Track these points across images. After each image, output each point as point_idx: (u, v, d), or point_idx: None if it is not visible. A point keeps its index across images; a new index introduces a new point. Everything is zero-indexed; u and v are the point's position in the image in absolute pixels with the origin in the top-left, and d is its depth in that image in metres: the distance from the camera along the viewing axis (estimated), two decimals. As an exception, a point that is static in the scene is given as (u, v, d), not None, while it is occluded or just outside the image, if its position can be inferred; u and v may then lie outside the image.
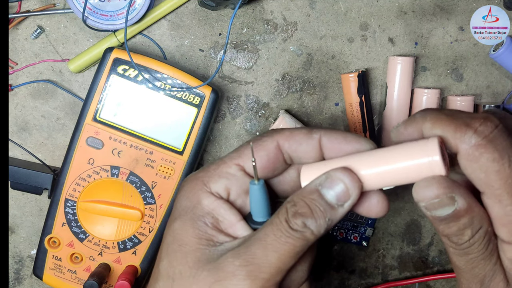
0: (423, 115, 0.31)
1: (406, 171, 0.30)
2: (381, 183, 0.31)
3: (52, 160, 0.49)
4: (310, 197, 0.31)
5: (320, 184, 0.31)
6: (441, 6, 0.49)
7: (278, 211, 0.31)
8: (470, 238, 0.30)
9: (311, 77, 0.49)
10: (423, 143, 0.30)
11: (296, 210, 0.30)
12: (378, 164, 0.31)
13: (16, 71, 0.48)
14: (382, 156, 0.31)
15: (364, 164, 0.31)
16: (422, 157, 0.29)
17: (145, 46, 0.48)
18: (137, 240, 0.47)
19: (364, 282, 0.54)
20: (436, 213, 0.30)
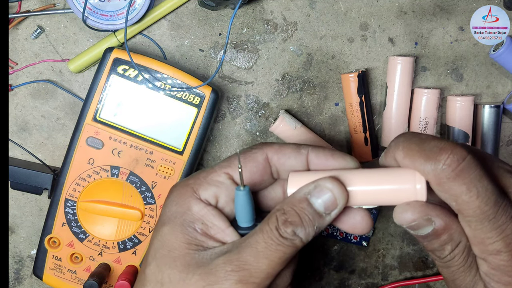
0: (395, 144, 0.32)
1: (391, 194, 0.32)
2: (365, 201, 0.33)
3: (52, 160, 0.49)
4: (299, 205, 0.32)
5: (309, 193, 0.32)
6: (441, 6, 0.49)
7: (268, 218, 0.32)
8: (450, 252, 0.32)
9: (311, 77, 0.49)
10: (411, 172, 0.31)
11: (286, 219, 0.31)
12: (365, 183, 0.32)
13: (16, 71, 0.48)
14: (370, 176, 0.33)
15: (352, 180, 0.33)
16: (407, 184, 0.31)
17: (145, 46, 0.48)
18: (137, 240, 0.47)
19: (364, 282, 0.54)
20: (418, 232, 0.32)
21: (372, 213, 0.51)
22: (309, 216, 0.32)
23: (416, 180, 0.31)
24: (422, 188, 0.31)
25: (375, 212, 0.51)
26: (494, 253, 0.30)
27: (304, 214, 0.32)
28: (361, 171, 0.33)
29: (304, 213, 0.32)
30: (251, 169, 0.35)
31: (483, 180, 0.29)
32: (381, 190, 0.32)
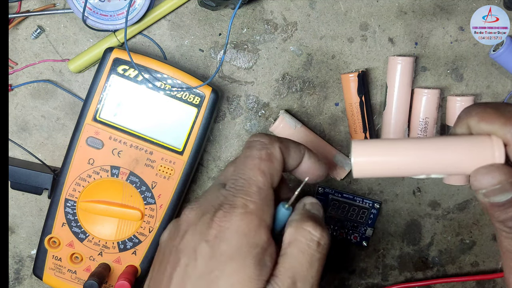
0: (467, 112, 0.32)
1: (467, 161, 0.31)
2: (439, 170, 0.32)
3: (52, 160, 0.49)
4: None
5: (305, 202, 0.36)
6: (441, 6, 0.49)
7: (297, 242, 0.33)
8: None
9: (311, 77, 0.49)
10: (487, 137, 0.30)
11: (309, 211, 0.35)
12: (438, 150, 0.31)
13: (16, 71, 0.48)
14: (443, 143, 0.31)
15: (426, 149, 0.31)
16: (485, 149, 0.30)
17: (145, 46, 0.48)
18: (137, 240, 0.47)
19: (364, 282, 0.54)
20: (495, 199, 0.30)
21: (372, 213, 0.51)
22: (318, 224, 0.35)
23: (494, 145, 0.30)
24: (501, 154, 0.30)
25: (375, 212, 0.51)
26: None
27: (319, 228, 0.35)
28: (431, 139, 0.32)
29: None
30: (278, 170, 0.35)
31: None
32: (455, 158, 0.31)
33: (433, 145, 0.31)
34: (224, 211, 0.33)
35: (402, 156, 0.32)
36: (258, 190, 0.33)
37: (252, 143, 0.35)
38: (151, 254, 0.47)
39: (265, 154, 0.34)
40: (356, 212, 0.51)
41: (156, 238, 0.47)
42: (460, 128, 0.33)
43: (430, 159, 0.31)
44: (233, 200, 0.33)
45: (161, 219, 0.47)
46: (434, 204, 0.53)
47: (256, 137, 0.35)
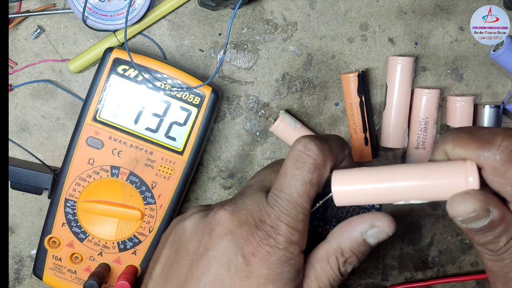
0: (443, 137, 0.32)
1: (441, 188, 0.31)
2: (413, 197, 0.32)
3: (52, 160, 0.49)
4: (358, 248, 0.34)
5: (365, 232, 0.34)
6: (441, 6, 0.49)
7: (327, 258, 0.34)
8: (505, 243, 0.31)
9: (311, 77, 0.49)
10: (458, 164, 0.31)
11: (346, 260, 0.34)
12: (414, 178, 0.32)
13: (16, 71, 0.48)
14: (418, 171, 0.32)
15: (398, 175, 0.32)
16: (459, 175, 0.30)
17: (145, 46, 0.48)
18: (137, 240, 0.47)
19: (364, 282, 0.54)
20: (472, 225, 0.31)
21: (372, 213, 0.51)
22: (365, 253, 0.34)
23: (468, 170, 0.30)
24: (475, 179, 0.30)
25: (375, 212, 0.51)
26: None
27: (360, 252, 0.34)
28: (408, 166, 0.32)
29: (361, 252, 0.34)
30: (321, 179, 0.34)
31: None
32: (430, 185, 0.31)
33: (410, 173, 0.32)
34: (267, 234, 0.32)
35: (380, 184, 0.32)
36: (304, 218, 0.33)
37: (304, 158, 0.33)
38: (151, 254, 0.47)
39: (316, 179, 0.33)
40: (356, 212, 0.51)
41: (156, 238, 0.47)
42: (438, 154, 0.33)
43: (407, 187, 0.32)
44: (278, 225, 0.32)
45: (161, 219, 0.47)
46: (434, 204, 0.53)
47: (308, 150, 0.33)
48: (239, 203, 0.34)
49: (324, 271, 0.33)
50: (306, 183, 0.33)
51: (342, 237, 0.34)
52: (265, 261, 0.32)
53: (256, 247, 0.32)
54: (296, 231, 0.32)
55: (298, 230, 0.32)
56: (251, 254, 0.32)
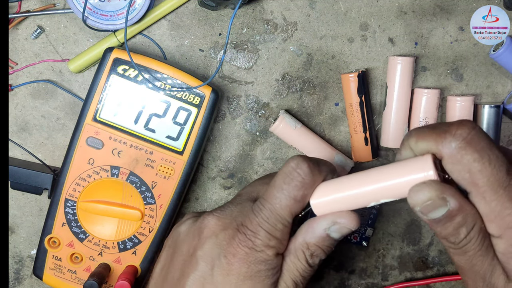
0: (407, 135, 0.34)
1: (403, 185, 0.33)
2: (380, 197, 0.34)
3: (52, 160, 0.49)
4: (322, 243, 0.36)
5: (328, 228, 0.36)
6: (441, 6, 0.49)
7: (295, 252, 0.36)
8: (465, 235, 0.32)
9: (311, 77, 0.49)
10: (417, 159, 0.32)
11: (312, 253, 0.36)
12: (376, 181, 0.34)
13: (16, 71, 0.48)
14: (380, 173, 0.34)
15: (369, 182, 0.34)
16: (417, 170, 0.32)
17: (145, 46, 0.48)
18: (137, 240, 0.47)
19: (364, 282, 0.54)
20: (431, 215, 0.32)
21: (372, 213, 0.51)
22: (330, 246, 0.37)
23: (424, 162, 0.32)
24: (429, 169, 0.31)
25: (375, 212, 0.51)
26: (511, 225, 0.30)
27: (326, 246, 0.36)
28: (374, 170, 0.34)
29: (326, 245, 0.36)
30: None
31: (493, 149, 0.30)
32: (394, 184, 0.33)
33: (376, 176, 0.34)
34: (247, 237, 0.36)
35: (350, 192, 0.35)
36: (283, 227, 0.36)
37: (294, 175, 0.35)
38: (151, 254, 0.47)
39: (301, 196, 0.36)
40: (356, 212, 0.51)
41: (156, 238, 0.47)
42: (404, 150, 0.34)
43: (374, 190, 0.34)
44: (258, 230, 0.36)
45: (161, 219, 0.47)
46: (434, 204, 0.53)
47: (299, 168, 0.35)
48: (226, 210, 0.38)
49: (293, 263, 0.36)
50: (290, 198, 0.35)
51: (307, 233, 0.36)
52: (244, 260, 0.35)
53: (236, 248, 0.36)
54: (273, 237, 0.36)
55: (275, 236, 0.36)
56: (232, 254, 0.36)
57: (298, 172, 0.35)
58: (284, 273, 0.37)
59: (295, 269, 0.37)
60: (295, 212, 0.36)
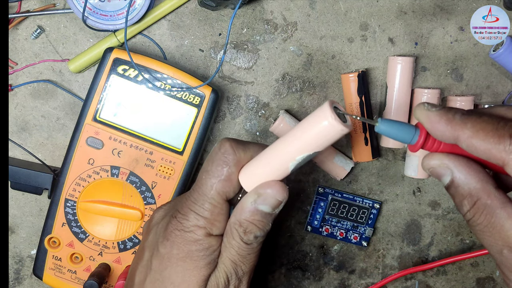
0: (463, 120, 0.31)
1: (315, 139, 0.33)
2: (294, 156, 0.34)
3: (52, 160, 0.49)
4: (251, 217, 0.36)
5: (255, 201, 0.36)
6: (441, 6, 0.49)
7: (230, 232, 0.37)
8: (469, 209, 0.32)
9: (311, 77, 0.49)
10: (317, 111, 0.33)
11: (245, 230, 0.36)
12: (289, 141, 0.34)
13: (16, 71, 0.48)
14: (290, 135, 0.34)
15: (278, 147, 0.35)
16: (320, 122, 0.32)
17: (145, 46, 0.48)
18: (137, 240, 0.47)
19: (364, 282, 0.54)
20: (442, 180, 0.33)
21: (372, 213, 0.51)
22: (262, 220, 0.36)
23: (325, 113, 0.32)
24: (332, 120, 0.31)
25: (375, 212, 0.51)
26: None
27: (257, 220, 0.36)
28: (283, 136, 0.35)
29: (257, 219, 0.36)
30: None
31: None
32: (302, 140, 0.33)
33: (288, 136, 0.35)
34: (177, 220, 0.37)
35: (266, 159, 0.35)
36: (211, 207, 0.36)
37: (217, 157, 0.36)
38: (151, 254, 0.47)
39: (225, 175, 0.36)
40: (356, 212, 0.51)
41: (156, 238, 0.47)
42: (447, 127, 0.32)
43: (287, 149, 0.34)
44: (187, 212, 0.37)
45: (161, 219, 0.47)
46: (434, 204, 0.53)
47: (221, 147, 0.36)
48: (171, 202, 0.41)
49: (229, 242, 0.37)
50: (214, 177, 0.36)
51: (237, 210, 0.37)
52: (174, 242, 0.37)
53: (169, 233, 0.37)
54: (202, 218, 0.36)
55: (204, 216, 0.36)
56: (166, 239, 0.37)
57: (221, 152, 0.36)
58: (222, 253, 0.37)
59: (231, 247, 0.37)
60: (224, 191, 0.36)
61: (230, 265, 0.37)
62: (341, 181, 0.51)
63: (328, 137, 0.33)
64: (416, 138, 0.32)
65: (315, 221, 0.52)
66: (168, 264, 0.37)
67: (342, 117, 0.32)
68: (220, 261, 0.37)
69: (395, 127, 0.32)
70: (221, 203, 0.36)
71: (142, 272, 0.38)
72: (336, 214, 0.51)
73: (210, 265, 0.37)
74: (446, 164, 0.32)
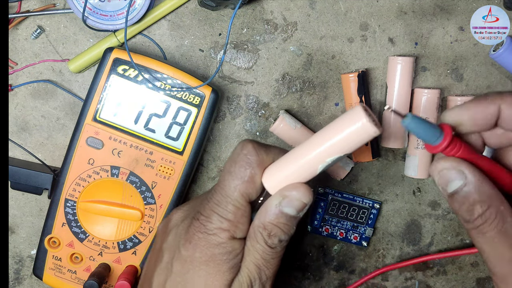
0: (500, 94, 0.32)
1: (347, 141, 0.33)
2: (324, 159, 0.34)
3: (52, 160, 0.49)
4: (276, 220, 0.35)
5: (280, 203, 0.35)
6: (441, 6, 0.49)
7: (254, 235, 0.36)
8: (480, 214, 0.31)
9: (311, 77, 0.49)
10: (348, 112, 0.33)
11: (269, 233, 0.36)
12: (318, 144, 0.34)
13: (16, 71, 0.48)
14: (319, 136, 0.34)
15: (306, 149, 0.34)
16: (354, 124, 0.32)
17: (145, 46, 0.48)
18: (137, 240, 0.47)
19: (364, 282, 0.54)
20: (449, 187, 0.32)
21: (372, 213, 0.51)
22: (287, 223, 0.36)
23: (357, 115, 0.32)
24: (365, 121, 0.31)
25: (375, 212, 0.51)
26: None
27: (282, 223, 0.36)
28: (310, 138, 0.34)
29: (282, 222, 0.36)
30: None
31: None
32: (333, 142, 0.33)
33: (316, 138, 0.34)
34: (200, 222, 0.36)
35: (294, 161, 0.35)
36: (235, 209, 0.36)
37: (239, 158, 0.36)
38: (151, 254, 0.47)
39: (249, 176, 0.35)
40: (356, 212, 0.51)
41: (156, 238, 0.47)
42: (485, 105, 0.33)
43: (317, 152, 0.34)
44: (210, 214, 0.36)
45: (161, 219, 0.47)
46: (434, 204, 0.53)
47: (244, 149, 0.36)
48: (190, 203, 0.40)
49: (253, 246, 0.36)
50: (238, 179, 0.35)
51: (261, 212, 0.36)
52: (197, 245, 0.36)
53: (192, 235, 0.36)
54: (226, 220, 0.36)
55: (227, 218, 0.36)
56: (188, 242, 0.36)
57: (244, 153, 0.35)
58: (245, 257, 0.36)
59: (255, 251, 0.36)
60: (247, 193, 0.35)
61: (254, 270, 0.36)
62: (341, 181, 0.51)
63: (360, 138, 0.32)
64: (441, 139, 0.32)
65: (315, 221, 0.52)
66: (190, 267, 0.36)
67: (372, 120, 0.32)
68: (243, 266, 0.36)
69: (423, 125, 0.32)
70: (244, 205, 0.36)
71: (162, 275, 0.37)
72: (336, 214, 0.51)
73: (233, 270, 0.36)
74: (460, 168, 0.32)
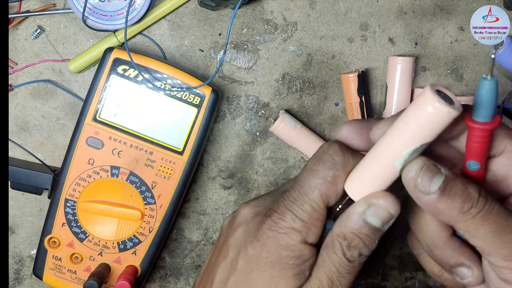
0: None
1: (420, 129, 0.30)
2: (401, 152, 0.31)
3: (52, 160, 0.49)
4: (359, 230, 0.32)
5: (364, 213, 0.32)
6: (441, 6, 0.49)
7: (331, 245, 0.33)
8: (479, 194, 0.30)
9: (311, 77, 0.49)
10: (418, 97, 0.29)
11: (349, 244, 0.33)
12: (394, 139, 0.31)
13: (16, 71, 0.48)
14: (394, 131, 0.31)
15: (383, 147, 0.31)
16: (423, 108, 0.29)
17: (145, 46, 0.48)
18: (137, 240, 0.47)
19: (364, 282, 0.54)
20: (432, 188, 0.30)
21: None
22: (370, 235, 0.33)
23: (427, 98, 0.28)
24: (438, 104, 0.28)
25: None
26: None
27: (364, 235, 0.33)
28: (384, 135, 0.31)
29: (364, 233, 0.32)
30: None
31: None
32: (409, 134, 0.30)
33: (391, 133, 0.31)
34: (273, 220, 0.33)
35: (374, 160, 0.32)
36: (311, 210, 0.33)
37: (325, 157, 0.33)
38: (151, 254, 0.47)
39: (332, 177, 0.33)
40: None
41: (156, 238, 0.47)
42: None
43: (395, 148, 0.31)
44: (284, 212, 0.33)
45: (161, 219, 0.47)
46: (434, 204, 0.53)
47: (330, 148, 0.33)
48: (260, 199, 0.37)
49: (329, 257, 0.33)
50: (320, 178, 0.33)
51: (342, 221, 0.33)
52: (265, 244, 0.33)
53: (261, 233, 0.34)
54: (299, 220, 0.33)
55: (302, 219, 0.33)
56: (257, 240, 0.34)
57: (329, 153, 0.33)
58: (318, 268, 0.33)
59: (331, 263, 0.33)
60: (327, 194, 0.33)
61: (326, 283, 0.33)
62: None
63: (434, 123, 0.29)
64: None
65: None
66: (255, 267, 0.34)
67: (448, 99, 0.29)
68: (314, 276, 0.33)
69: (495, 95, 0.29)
70: (322, 207, 0.33)
71: (225, 271, 0.35)
72: (336, 214, 0.51)
73: (298, 277, 0.33)
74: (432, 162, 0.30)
